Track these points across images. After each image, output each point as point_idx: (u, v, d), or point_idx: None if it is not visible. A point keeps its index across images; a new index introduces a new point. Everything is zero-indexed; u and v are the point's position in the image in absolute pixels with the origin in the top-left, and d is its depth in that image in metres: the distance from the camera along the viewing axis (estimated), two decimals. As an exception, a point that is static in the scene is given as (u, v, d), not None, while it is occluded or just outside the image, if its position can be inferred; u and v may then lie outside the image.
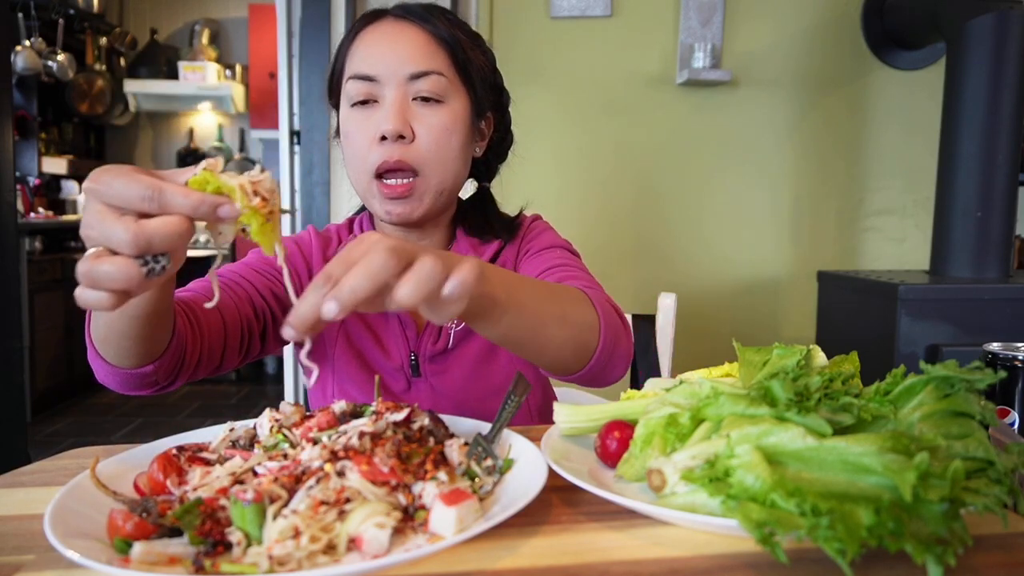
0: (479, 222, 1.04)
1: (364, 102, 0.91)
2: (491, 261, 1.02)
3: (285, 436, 0.63)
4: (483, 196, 1.09)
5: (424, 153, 0.90)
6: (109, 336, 0.68)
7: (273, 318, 0.92)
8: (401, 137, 0.89)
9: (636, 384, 1.35)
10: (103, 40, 4.87)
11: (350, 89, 0.92)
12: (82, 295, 0.52)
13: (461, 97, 0.94)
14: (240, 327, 0.86)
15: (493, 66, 1.02)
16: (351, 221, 1.09)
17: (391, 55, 0.90)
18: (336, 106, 0.98)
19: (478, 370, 0.98)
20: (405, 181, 0.90)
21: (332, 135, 1.01)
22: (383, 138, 0.89)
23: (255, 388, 4.44)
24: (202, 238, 4.57)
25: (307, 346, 0.55)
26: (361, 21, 0.95)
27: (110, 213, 0.49)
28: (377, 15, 0.94)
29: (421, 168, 0.90)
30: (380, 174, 0.90)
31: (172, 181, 0.51)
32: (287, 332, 0.51)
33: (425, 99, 0.90)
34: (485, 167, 1.08)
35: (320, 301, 0.49)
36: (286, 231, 2.73)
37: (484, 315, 0.63)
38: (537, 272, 0.94)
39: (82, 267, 0.50)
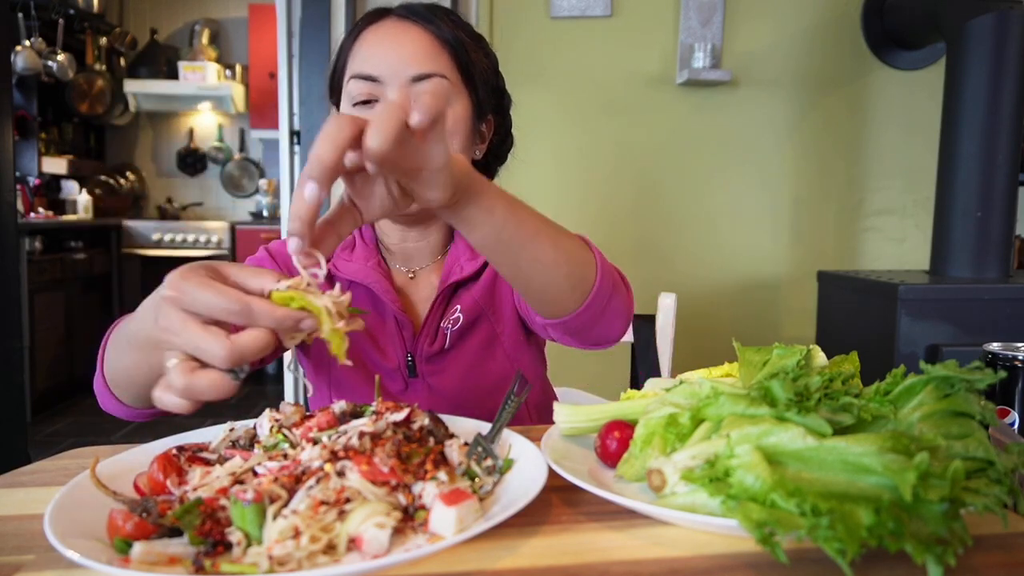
0: None
1: (366, 102, 0.90)
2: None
3: (285, 436, 0.63)
4: None
5: None
6: (131, 388, 0.72)
7: None
8: None
9: (636, 384, 1.35)
10: (103, 40, 4.87)
11: (352, 88, 0.91)
12: (165, 399, 0.52)
13: (463, 100, 0.93)
14: None
15: (495, 69, 1.01)
16: None
17: (393, 56, 0.89)
18: (337, 104, 0.97)
19: (475, 370, 0.98)
20: None
21: None
22: None
23: (255, 388, 4.44)
24: (190, 237, 4.57)
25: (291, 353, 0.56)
26: (364, 20, 0.94)
27: (194, 322, 0.50)
28: (380, 14, 0.93)
29: None
30: None
31: (252, 287, 0.52)
32: (291, 243, 0.52)
33: None
34: (484, 169, 1.07)
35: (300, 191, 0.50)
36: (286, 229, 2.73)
37: (476, 195, 0.62)
38: None
39: (179, 381, 0.50)
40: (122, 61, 5.02)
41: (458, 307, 0.97)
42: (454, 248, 1.02)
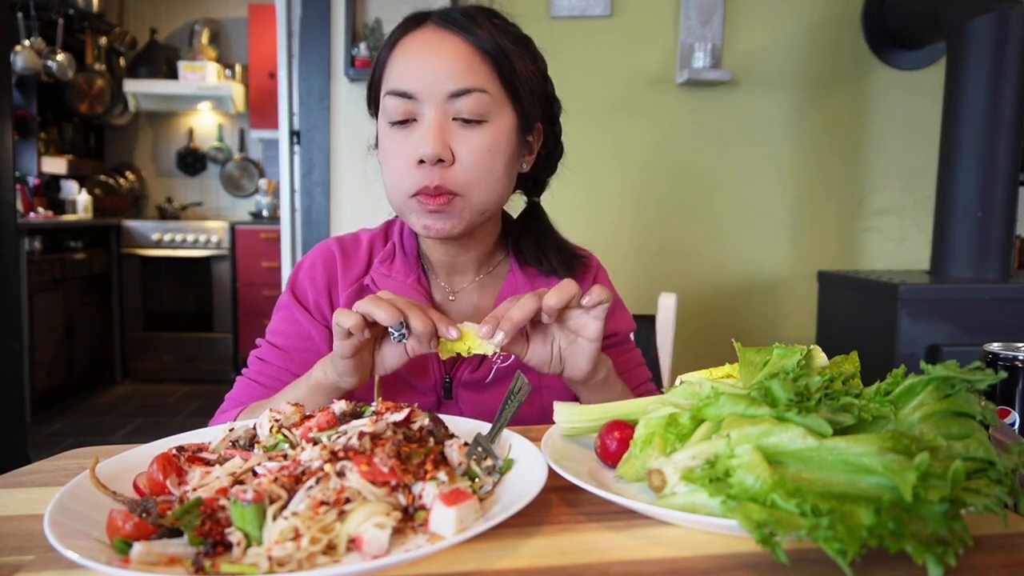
0: (532, 246, 1.00)
1: (403, 122, 0.87)
2: None
3: (285, 436, 0.63)
4: (534, 213, 1.04)
5: (464, 176, 0.86)
6: None
7: None
8: (440, 161, 0.84)
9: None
10: (103, 40, 4.87)
11: (388, 105, 0.87)
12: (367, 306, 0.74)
13: (506, 113, 0.88)
14: None
15: (543, 74, 0.96)
16: (388, 226, 1.04)
17: (430, 71, 0.85)
18: (375, 115, 0.94)
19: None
20: (444, 196, 0.86)
21: (371, 146, 0.96)
22: (421, 161, 0.85)
23: (255, 388, 4.43)
24: (190, 237, 4.57)
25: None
26: (400, 28, 0.89)
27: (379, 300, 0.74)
28: (417, 21, 0.89)
29: (462, 191, 0.87)
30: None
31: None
32: (498, 336, 0.74)
33: (467, 119, 0.85)
34: (533, 181, 1.03)
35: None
36: (286, 229, 2.74)
37: (606, 370, 0.84)
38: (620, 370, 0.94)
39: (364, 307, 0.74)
40: (122, 61, 5.02)
41: None
42: (509, 282, 0.99)
